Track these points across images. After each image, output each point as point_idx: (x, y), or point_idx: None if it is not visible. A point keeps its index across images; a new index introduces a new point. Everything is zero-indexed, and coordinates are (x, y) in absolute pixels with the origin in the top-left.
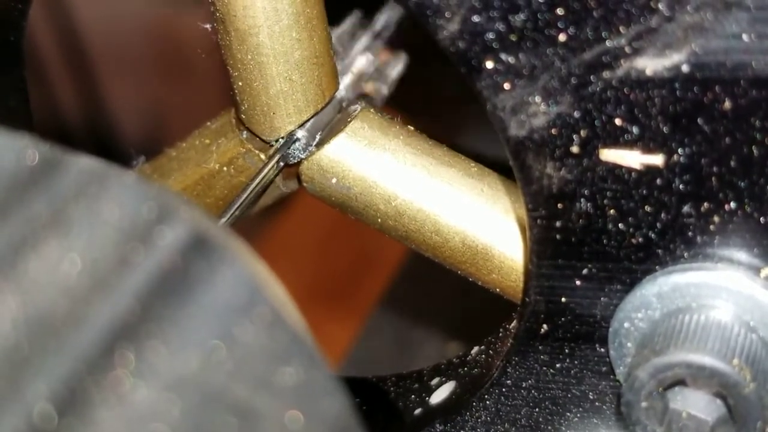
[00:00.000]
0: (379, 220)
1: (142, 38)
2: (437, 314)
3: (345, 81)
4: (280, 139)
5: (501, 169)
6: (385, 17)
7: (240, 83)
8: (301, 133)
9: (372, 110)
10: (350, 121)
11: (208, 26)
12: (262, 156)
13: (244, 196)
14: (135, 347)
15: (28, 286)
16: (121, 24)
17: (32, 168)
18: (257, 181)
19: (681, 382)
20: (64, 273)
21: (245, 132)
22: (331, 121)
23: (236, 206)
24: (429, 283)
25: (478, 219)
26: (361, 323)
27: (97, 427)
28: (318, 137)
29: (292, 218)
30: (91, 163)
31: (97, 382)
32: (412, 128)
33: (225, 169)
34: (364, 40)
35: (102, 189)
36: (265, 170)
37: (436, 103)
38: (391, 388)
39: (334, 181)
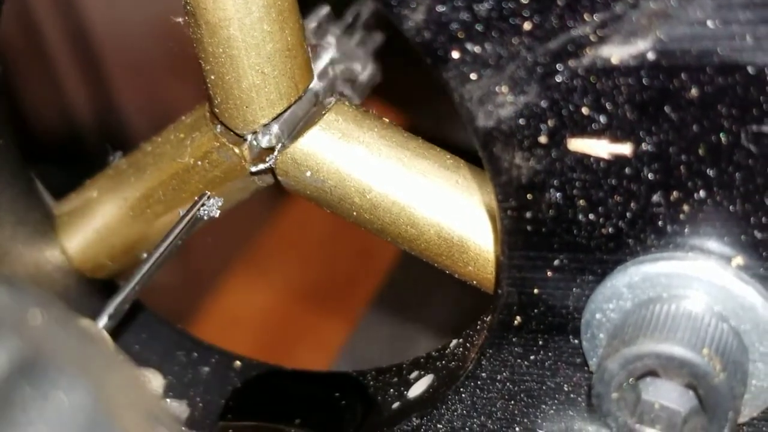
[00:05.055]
0: (355, 213)
1: (152, 37)
2: (433, 312)
3: (319, 72)
4: (252, 134)
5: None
6: (358, 10)
7: (212, 77)
8: (274, 127)
9: (347, 103)
10: (324, 114)
11: (180, 20)
12: (236, 150)
13: (173, 236)
14: None
15: None
16: (131, 23)
17: None
18: (188, 218)
19: (653, 373)
20: None
21: (219, 126)
22: (305, 114)
23: (165, 246)
24: (424, 281)
25: (453, 211)
26: (357, 321)
27: None
28: (290, 130)
29: (292, 217)
30: None
31: None
32: (386, 120)
33: (200, 163)
34: (337, 32)
35: None
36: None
37: (424, 95)
38: (371, 382)
39: (308, 174)
